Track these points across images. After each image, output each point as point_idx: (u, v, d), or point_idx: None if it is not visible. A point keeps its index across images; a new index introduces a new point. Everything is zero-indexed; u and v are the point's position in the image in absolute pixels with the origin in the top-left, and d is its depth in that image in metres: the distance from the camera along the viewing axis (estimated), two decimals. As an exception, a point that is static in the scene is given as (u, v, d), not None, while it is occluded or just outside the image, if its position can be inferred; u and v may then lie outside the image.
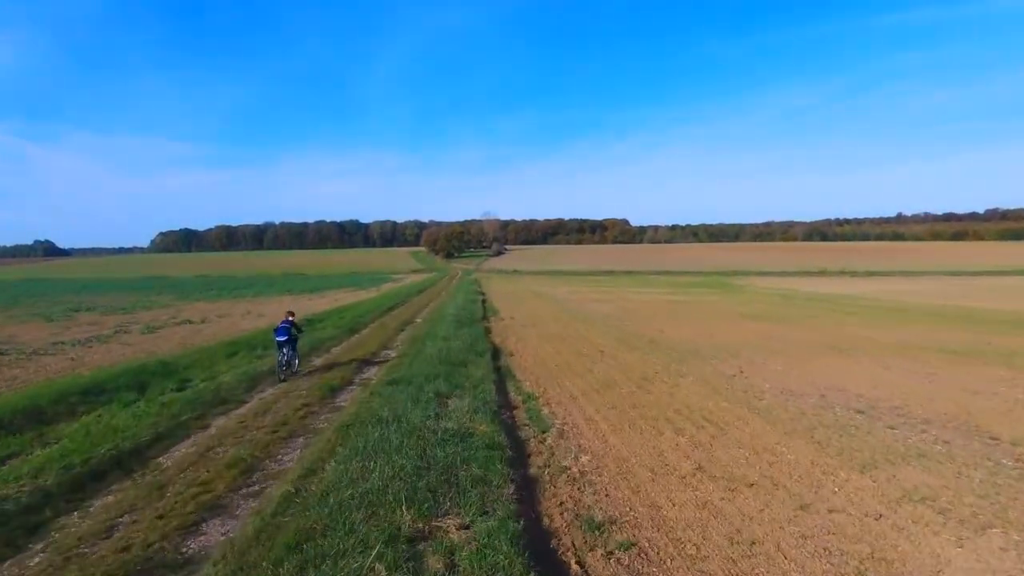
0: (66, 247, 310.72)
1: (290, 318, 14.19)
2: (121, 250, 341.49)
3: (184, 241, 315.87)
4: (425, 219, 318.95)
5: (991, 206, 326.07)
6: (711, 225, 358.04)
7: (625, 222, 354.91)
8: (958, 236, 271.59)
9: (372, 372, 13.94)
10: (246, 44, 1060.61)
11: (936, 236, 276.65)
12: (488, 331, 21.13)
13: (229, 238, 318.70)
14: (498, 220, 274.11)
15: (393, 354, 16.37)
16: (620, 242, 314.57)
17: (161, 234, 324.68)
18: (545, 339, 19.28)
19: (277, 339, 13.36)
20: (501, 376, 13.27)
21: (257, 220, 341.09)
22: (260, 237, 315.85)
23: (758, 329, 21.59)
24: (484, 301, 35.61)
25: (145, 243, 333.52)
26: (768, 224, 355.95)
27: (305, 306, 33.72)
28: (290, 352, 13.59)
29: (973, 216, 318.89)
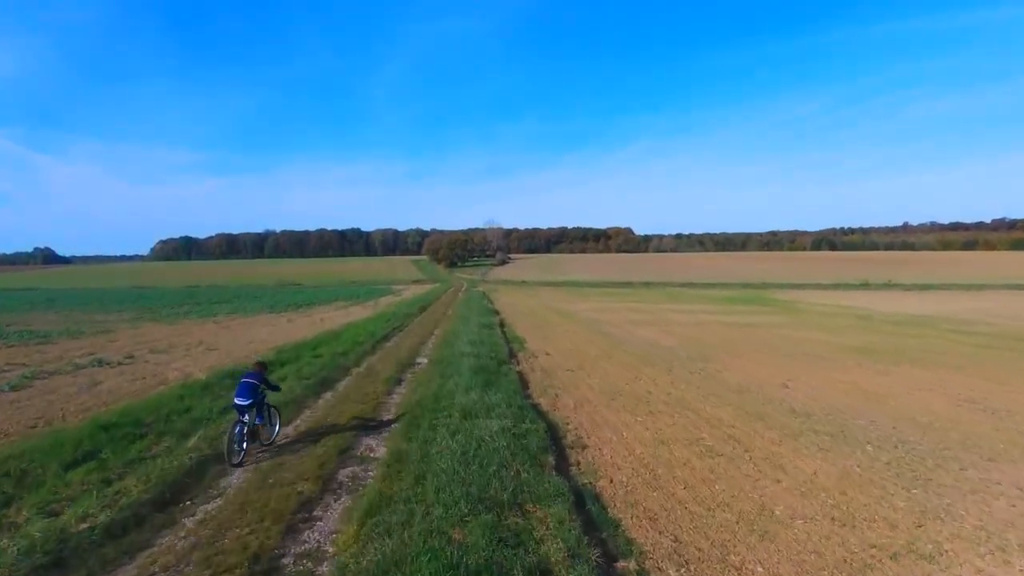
0: (67, 255, 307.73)
1: (259, 371, 9.49)
2: (122, 258, 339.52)
3: (184, 249, 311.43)
4: (427, 227, 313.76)
5: (998, 215, 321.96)
6: (716, 234, 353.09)
7: (629, 231, 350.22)
8: (969, 245, 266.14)
9: (329, 523, 6.62)
10: (250, 53, 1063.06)
11: (946, 245, 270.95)
12: (525, 385, 14.42)
13: (230, 246, 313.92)
14: (501, 228, 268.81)
15: (379, 453, 8.96)
16: (624, 251, 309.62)
17: (161, 242, 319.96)
18: (618, 403, 12.57)
19: (236, 402, 8.70)
20: (598, 535, 6.47)
21: (259, 228, 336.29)
22: (261, 245, 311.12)
23: (919, 380, 14.91)
24: (502, 325, 28.89)
25: (146, 251, 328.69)
26: (774, 233, 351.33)
27: (282, 331, 27.06)
28: (252, 420, 8.82)
29: (980, 225, 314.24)
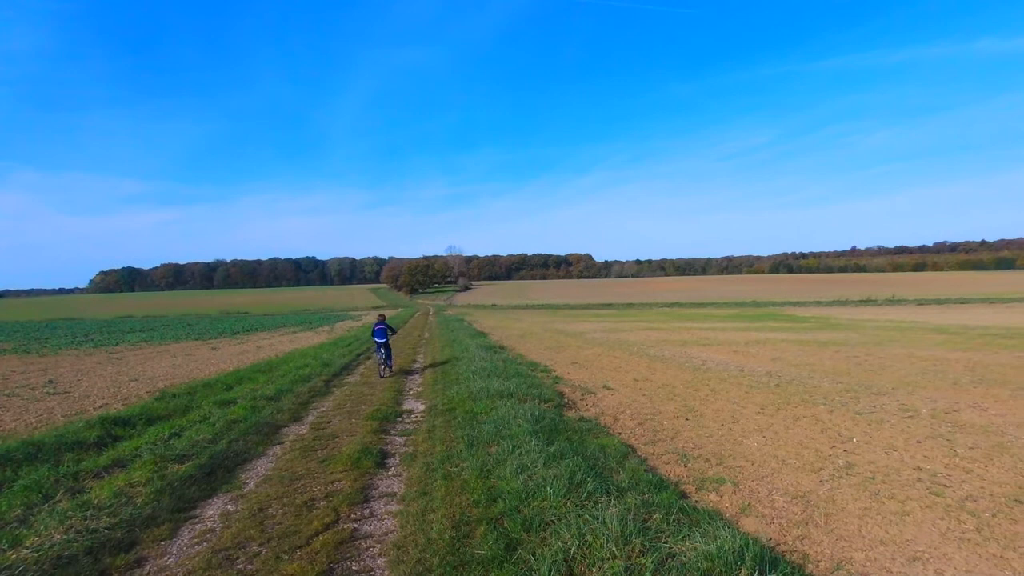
0: (0, 288, 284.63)
1: (383, 321, 12.14)
2: (60, 291, 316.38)
3: (126, 281, 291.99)
4: (385, 255, 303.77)
5: (939, 239, 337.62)
6: (676, 259, 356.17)
7: (589, 257, 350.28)
8: (918, 267, 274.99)
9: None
10: (202, 81, 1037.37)
11: (897, 268, 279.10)
12: (641, 458, 7.06)
13: (176, 277, 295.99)
14: (462, 255, 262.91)
15: None
16: (585, 276, 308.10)
17: (102, 273, 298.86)
18: (895, 501, 5.36)
19: (376, 340, 13.41)
20: None
21: (208, 258, 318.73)
22: (210, 276, 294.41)
23: None
24: (503, 348, 21.40)
25: (85, 283, 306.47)
26: (730, 258, 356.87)
27: (195, 363, 18.84)
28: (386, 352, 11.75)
29: (923, 249, 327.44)
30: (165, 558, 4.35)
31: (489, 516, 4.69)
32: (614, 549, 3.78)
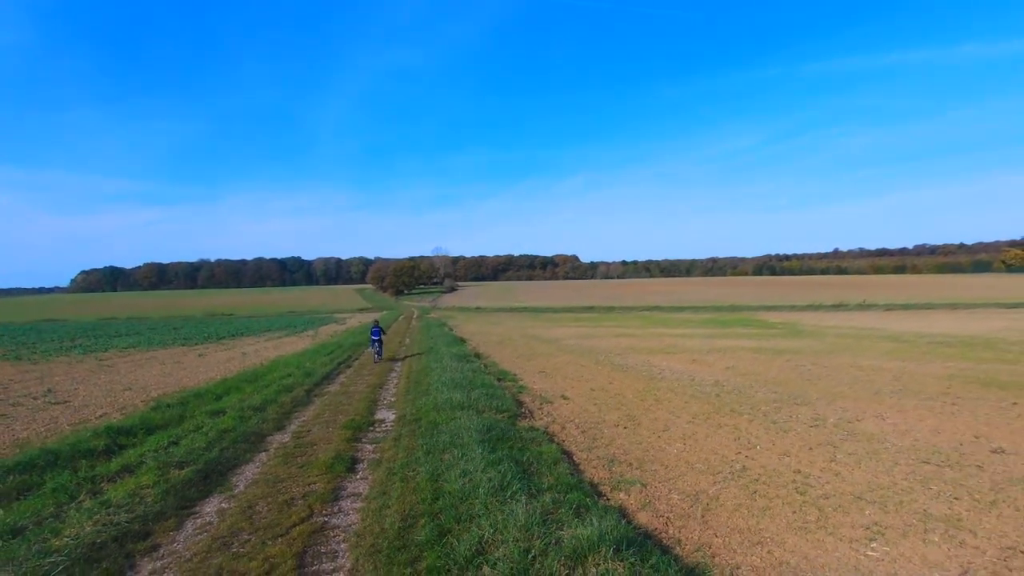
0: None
1: (378, 326, 20.67)
2: (41, 290, 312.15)
3: (108, 280, 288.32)
4: (371, 256, 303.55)
5: (919, 242, 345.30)
6: (661, 261, 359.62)
7: (575, 258, 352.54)
8: (898, 270, 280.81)
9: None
10: (187, 80, 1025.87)
11: (878, 270, 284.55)
12: (568, 455, 8.39)
13: (160, 277, 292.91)
14: (448, 256, 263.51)
15: None
16: (571, 278, 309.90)
17: (83, 272, 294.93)
18: (769, 504, 6.75)
19: (372, 337, 20.30)
20: None
21: (192, 258, 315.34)
22: (194, 275, 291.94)
23: None
24: (478, 355, 22.70)
25: (66, 282, 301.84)
26: (715, 260, 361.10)
27: (185, 371, 19.91)
28: (379, 345, 17.33)
29: (903, 251, 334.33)
30: (175, 544, 5.58)
31: (431, 511, 5.96)
32: (517, 535, 5.06)
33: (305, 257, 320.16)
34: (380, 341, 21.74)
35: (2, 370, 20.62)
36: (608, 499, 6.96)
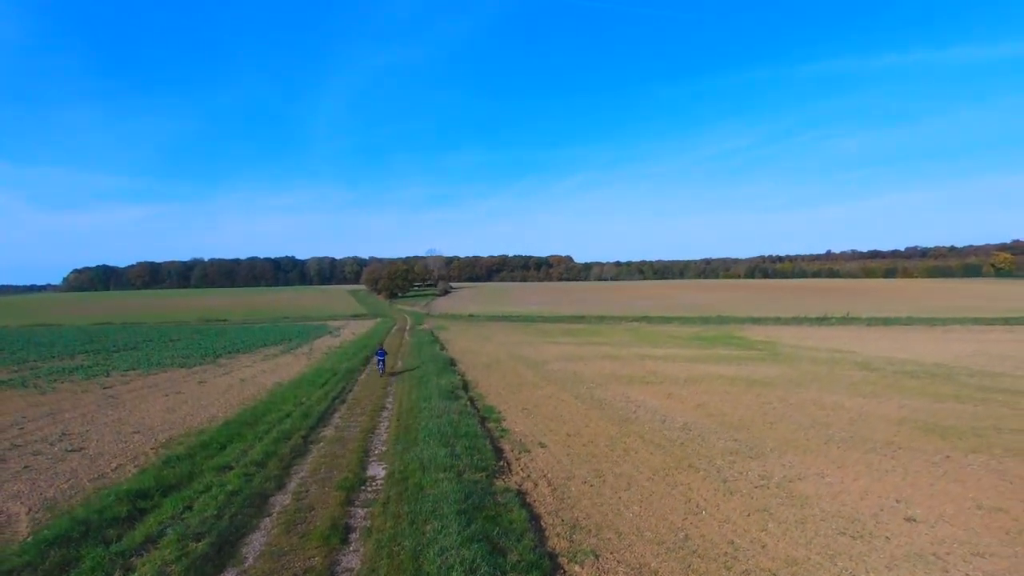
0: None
1: (383, 349, 36.02)
2: (32, 288, 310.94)
3: (101, 279, 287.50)
4: (365, 256, 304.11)
5: (911, 244, 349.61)
6: (655, 262, 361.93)
7: (570, 259, 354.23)
8: (889, 273, 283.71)
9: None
10: (180, 77, 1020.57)
11: (869, 273, 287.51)
12: (537, 520, 9.64)
13: (152, 276, 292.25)
14: (442, 257, 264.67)
15: None
16: (565, 279, 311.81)
17: (76, 271, 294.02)
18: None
19: (378, 357, 26.45)
20: None
21: (185, 256, 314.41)
22: (187, 275, 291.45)
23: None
24: (467, 387, 23.99)
25: (58, 281, 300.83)
26: (708, 261, 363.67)
27: (187, 405, 21.06)
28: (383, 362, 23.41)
29: (895, 253, 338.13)
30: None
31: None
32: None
33: (299, 257, 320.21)
34: (383, 361, 28.61)
35: (12, 402, 21.67)
36: (564, 572, 8.21)
